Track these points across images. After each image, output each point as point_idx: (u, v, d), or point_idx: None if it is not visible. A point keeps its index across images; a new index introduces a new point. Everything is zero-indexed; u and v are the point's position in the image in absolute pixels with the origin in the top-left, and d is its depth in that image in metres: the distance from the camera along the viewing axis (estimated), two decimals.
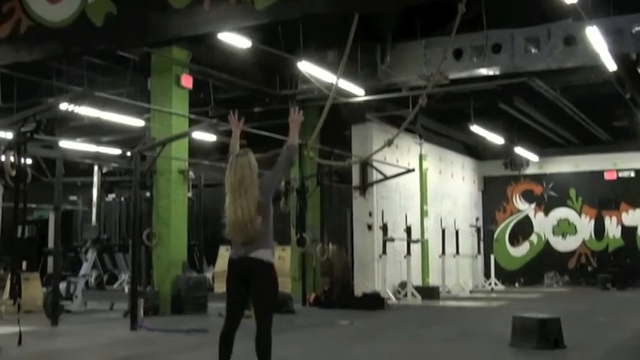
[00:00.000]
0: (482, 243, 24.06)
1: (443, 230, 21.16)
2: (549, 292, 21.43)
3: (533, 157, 24.66)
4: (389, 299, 16.63)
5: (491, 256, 23.99)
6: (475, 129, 19.80)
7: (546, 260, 25.00)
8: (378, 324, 12.79)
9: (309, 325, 12.26)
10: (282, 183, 14.47)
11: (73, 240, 18.91)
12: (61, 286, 13.47)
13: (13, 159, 9.30)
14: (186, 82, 14.70)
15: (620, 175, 24.20)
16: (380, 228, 17.86)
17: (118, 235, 18.74)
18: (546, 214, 25.29)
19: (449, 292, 20.54)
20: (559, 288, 23.53)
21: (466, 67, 14.94)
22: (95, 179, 16.50)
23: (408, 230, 18.64)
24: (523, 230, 25.57)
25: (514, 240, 25.68)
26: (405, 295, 17.93)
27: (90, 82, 15.32)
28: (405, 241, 18.47)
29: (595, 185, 24.51)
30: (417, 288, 18.32)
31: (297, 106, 6.32)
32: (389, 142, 13.70)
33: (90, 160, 17.21)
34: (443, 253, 20.82)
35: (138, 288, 12.41)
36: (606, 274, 22.74)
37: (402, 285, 18.34)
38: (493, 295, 20.44)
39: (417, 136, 20.33)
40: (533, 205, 25.51)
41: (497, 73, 15.31)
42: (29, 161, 11.89)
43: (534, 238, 25.41)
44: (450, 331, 11.44)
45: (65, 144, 17.46)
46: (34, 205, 18.77)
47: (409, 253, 18.37)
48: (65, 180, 13.48)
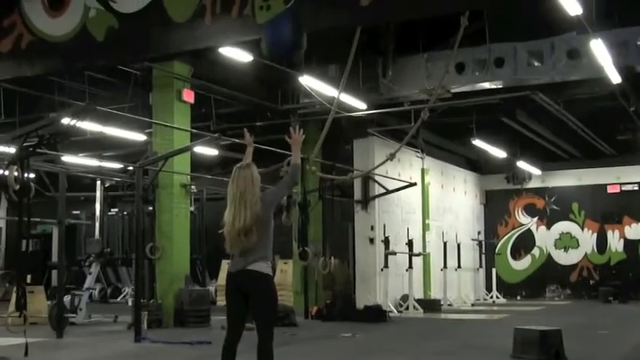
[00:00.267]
0: (484, 256, 24.03)
1: (445, 244, 21.16)
2: (551, 305, 21.40)
3: (535, 171, 24.68)
4: (391, 312, 16.62)
5: (493, 270, 23.96)
6: (477, 143, 19.85)
7: (548, 273, 24.98)
8: (379, 337, 12.79)
9: (311, 338, 12.27)
10: (285, 197, 14.51)
11: (76, 254, 18.96)
12: (66, 299, 13.51)
13: (16, 173, 9.36)
14: (188, 96, 14.77)
15: (624, 189, 24.18)
16: (382, 241, 17.89)
17: (121, 249, 18.79)
18: (548, 227, 25.27)
19: (450, 305, 20.52)
20: (561, 301, 23.51)
21: (468, 81, 14.98)
22: (98, 194, 16.56)
23: (409, 244, 18.66)
24: (525, 244, 25.55)
25: (516, 253, 25.66)
26: (407, 308, 17.94)
27: (92, 97, 15.40)
28: (407, 255, 18.49)
29: (598, 199, 24.49)
30: (418, 301, 18.33)
31: (297, 125, 6.40)
32: (391, 156, 13.77)
33: (92, 175, 17.29)
34: (445, 266, 20.81)
35: (141, 301, 12.46)
36: (608, 287, 22.71)
37: (404, 298, 18.35)
38: (495, 308, 20.41)
39: (419, 150, 20.37)
40: (535, 219, 25.50)
41: (500, 86, 15.35)
42: (32, 176, 11.96)
43: (536, 251, 25.38)
44: (452, 344, 11.46)
45: (68, 159, 17.55)
46: (37, 220, 18.81)
47: (411, 266, 18.38)
48: (68, 194, 13.53)
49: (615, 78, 13.54)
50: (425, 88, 15.18)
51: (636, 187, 24.04)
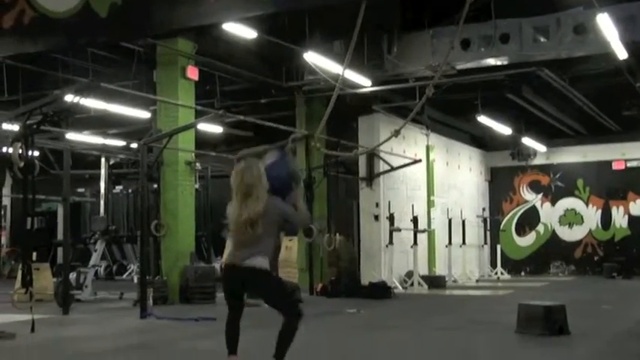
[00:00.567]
0: (488, 233, 24.08)
1: (449, 220, 21.18)
2: (555, 281, 21.45)
3: (540, 148, 24.62)
4: (395, 288, 16.69)
5: (498, 246, 24.03)
6: (482, 120, 19.79)
7: (552, 250, 25.03)
8: (384, 313, 12.84)
9: (316, 314, 12.29)
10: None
11: (81, 231, 18.98)
12: (71, 276, 13.57)
13: (20, 151, 9.36)
14: (192, 73, 14.70)
15: (629, 165, 24.13)
16: (386, 218, 17.92)
17: (126, 227, 18.79)
18: (553, 204, 25.28)
19: (455, 281, 20.58)
20: (565, 277, 23.56)
21: (474, 58, 14.91)
22: (102, 171, 16.54)
23: (414, 220, 18.68)
24: (530, 220, 25.58)
25: (520, 230, 25.69)
26: (412, 285, 17.99)
27: (95, 75, 15.38)
28: (412, 231, 18.52)
29: (603, 175, 24.46)
30: (423, 277, 18.38)
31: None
32: (396, 133, 13.67)
33: (97, 152, 17.29)
34: (449, 242, 20.84)
35: (147, 278, 12.50)
36: (612, 263, 22.77)
37: (409, 274, 18.40)
38: (499, 284, 20.48)
39: (424, 127, 20.32)
40: (540, 196, 25.50)
41: (506, 63, 15.27)
42: (37, 153, 11.97)
43: (541, 228, 25.42)
44: (456, 320, 11.49)
45: (72, 136, 17.55)
46: (42, 197, 18.85)
47: (416, 243, 18.42)
48: (73, 172, 13.54)
49: (622, 53, 13.42)
50: (430, 64, 15.11)
51: None
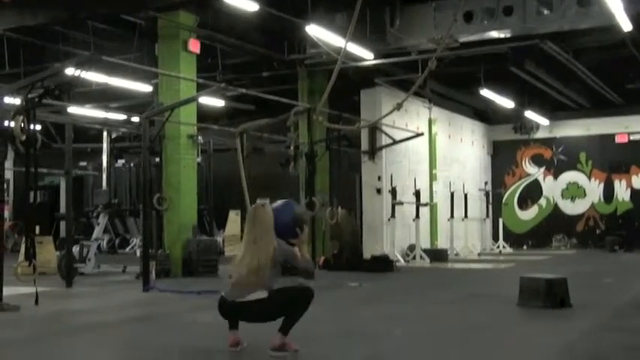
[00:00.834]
0: (490, 206, 24.10)
1: (452, 194, 21.18)
2: (557, 255, 21.49)
3: (543, 121, 24.57)
4: (398, 262, 16.73)
5: (500, 220, 24.05)
6: (485, 93, 19.72)
7: (555, 223, 25.08)
8: (386, 286, 12.89)
9: (318, 288, 12.23)
10: (292, 147, 14.48)
11: (84, 205, 19.00)
12: (74, 250, 13.62)
13: (22, 124, 9.34)
14: (194, 46, 14.64)
15: (632, 139, 24.08)
16: (389, 192, 17.93)
17: (128, 200, 18.81)
18: (555, 177, 25.29)
19: (457, 254, 20.64)
20: (567, 250, 23.61)
21: (477, 30, 14.83)
22: (104, 145, 16.54)
23: (416, 194, 18.69)
24: (532, 194, 25.62)
25: (523, 203, 25.73)
26: (414, 258, 18.03)
27: (97, 48, 15.31)
28: (414, 205, 18.53)
29: (605, 149, 24.44)
30: (425, 251, 18.42)
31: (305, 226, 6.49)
32: (398, 106, 13.65)
33: (99, 126, 17.27)
34: (451, 216, 20.86)
35: (149, 251, 12.54)
36: (614, 236, 22.81)
37: (411, 248, 18.44)
38: (501, 258, 20.51)
39: (427, 101, 20.27)
40: (542, 169, 25.50)
41: (509, 35, 15.19)
42: (39, 127, 11.94)
43: (543, 201, 25.45)
44: (458, 293, 11.54)
45: (74, 110, 17.52)
46: (45, 171, 18.85)
47: (418, 216, 18.45)
48: (75, 146, 13.52)
49: (626, 26, 13.33)
50: (433, 37, 15.02)
51: None
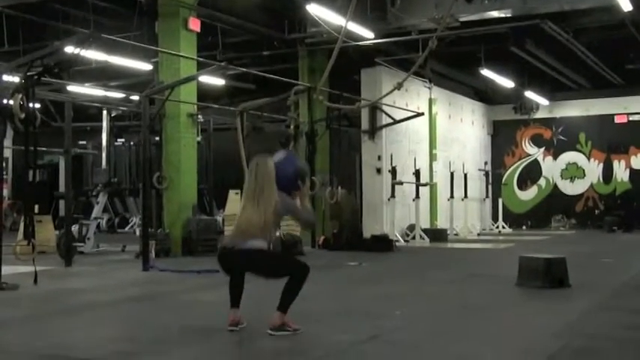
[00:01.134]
0: (490, 186, 24.15)
1: (451, 174, 21.19)
2: (556, 235, 21.56)
3: (543, 101, 24.55)
4: (397, 241, 16.77)
5: (500, 200, 24.12)
6: (485, 73, 19.68)
7: (554, 203, 25.14)
8: (386, 265, 12.92)
9: (318, 267, 12.32)
10: (292, 127, 14.48)
11: (83, 184, 19.00)
12: (74, 229, 13.62)
13: (21, 102, 9.31)
14: (194, 25, 14.57)
15: (631, 119, 24.07)
16: (389, 171, 17.93)
17: (128, 179, 18.82)
18: (555, 158, 25.30)
19: (457, 234, 20.69)
20: (566, 231, 23.67)
21: (477, 10, 14.80)
22: (104, 123, 16.51)
23: (416, 174, 18.70)
24: (531, 174, 25.65)
25: (522, 184, 25.77)
26: (414, 238, 18.08)
27: (97, 26, 15.25)
28: (414, 185, 18.55)
29: (605, 129, 24.43)
30: (425, 230, 18.47)
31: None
32: (398, 86, 13.69)
33: (98, 104, 17.23)
34: (451, 196, 20.89)
35: (149, 230, 12.55)
36: (613, 216, 22.86)
37: (411, 227, 18.47)
38: (500, 238, 20.56)
39: (427, 80, 20.22)
40: (542, 150, 25.51)
41: (509, 15, 15.16)
42: (38, 105, 11.91)
43: (542, 181, 25.48)
44: (458, 272, 11.57)
45: (73, 88, 17.47)
46: (44, 149, 18.84)
47: (418, 196, 18.47)
48: (74, 124, 13.48)
49: (626, 6, 13.30)
50: (433, 16, 14.99)
51: None
